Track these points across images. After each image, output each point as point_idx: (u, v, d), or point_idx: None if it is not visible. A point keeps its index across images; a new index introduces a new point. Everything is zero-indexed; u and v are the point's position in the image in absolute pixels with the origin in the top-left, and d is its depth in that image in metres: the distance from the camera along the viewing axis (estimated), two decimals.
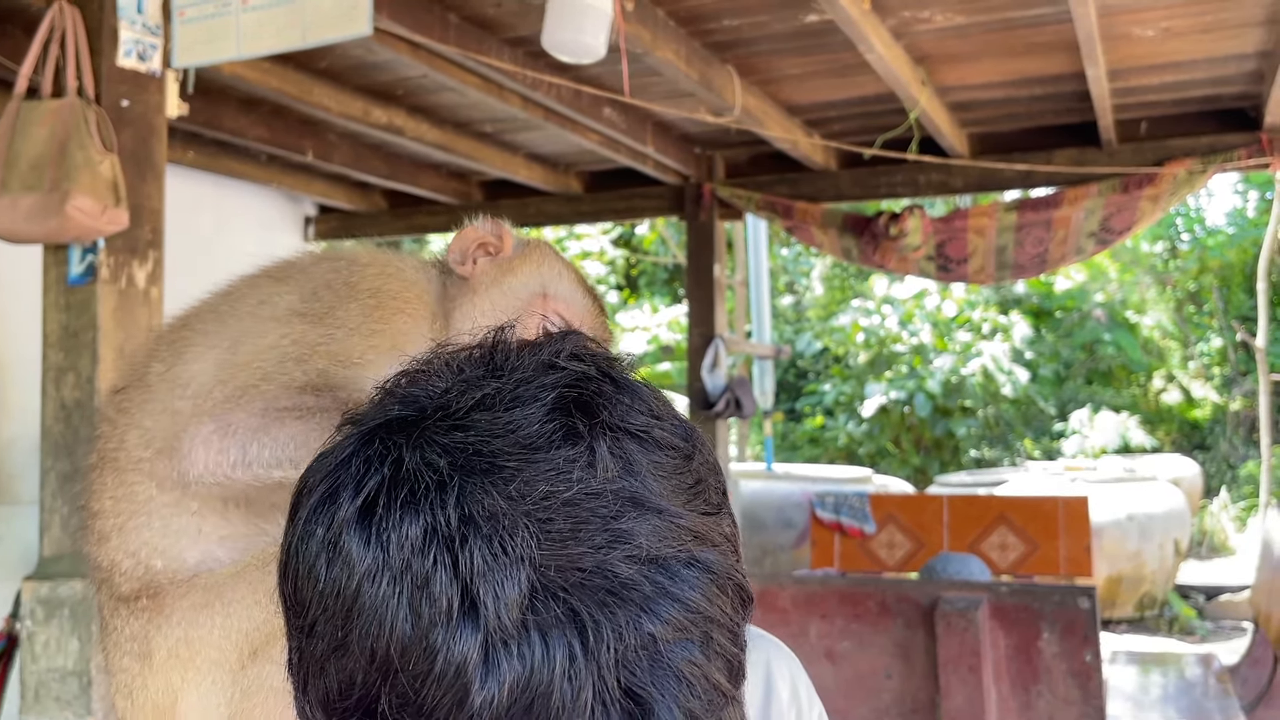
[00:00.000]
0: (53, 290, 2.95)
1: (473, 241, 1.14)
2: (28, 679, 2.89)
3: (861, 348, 14.25)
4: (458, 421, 0.64)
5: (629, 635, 0.59)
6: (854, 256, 6.38)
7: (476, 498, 0.61)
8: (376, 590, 0.60)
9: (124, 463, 1.00)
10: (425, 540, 0.60)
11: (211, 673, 0.91)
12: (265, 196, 7.26)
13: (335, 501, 0.63)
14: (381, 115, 5.33)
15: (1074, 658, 2.90)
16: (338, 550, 0.61)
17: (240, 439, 0.95)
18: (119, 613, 0.97)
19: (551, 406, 0.65)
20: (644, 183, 6.75)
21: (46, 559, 2.92)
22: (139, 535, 0.97)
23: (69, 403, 2.90)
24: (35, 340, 5.58)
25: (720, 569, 0.65)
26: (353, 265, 1.09)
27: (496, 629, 0.58)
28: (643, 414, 0.67)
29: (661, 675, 0.60)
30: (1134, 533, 8.33)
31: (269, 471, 0.95)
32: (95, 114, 2.79)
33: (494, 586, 0.58)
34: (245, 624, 0.90)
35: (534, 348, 0.70)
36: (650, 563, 0.61)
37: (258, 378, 0.99)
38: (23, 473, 5.77)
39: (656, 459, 0.66)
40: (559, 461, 0.62)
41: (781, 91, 5.41)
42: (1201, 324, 15.86)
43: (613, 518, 0.62)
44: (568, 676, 0.58)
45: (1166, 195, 5.73)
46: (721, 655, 0.63)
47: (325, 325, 1.03)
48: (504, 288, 1.11)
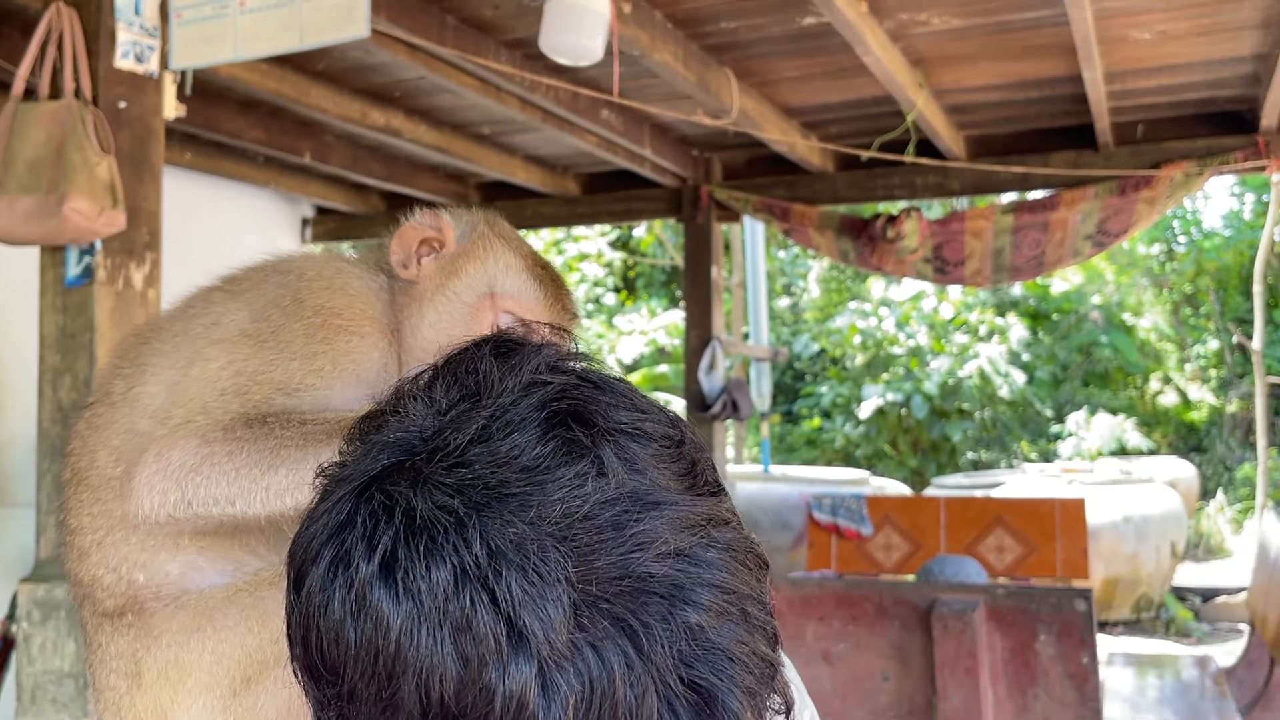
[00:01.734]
0: (50, 292, 2.95)
1: (414, 240, 1.09)
2: (24, 681, 2.88)
3: (858, 350, 14.26)
4: (457, 459, 0.63)
5: (678, 630, 0.60)
6: (851, 259, 6.39)
7: (499, 530, 0.61)
8: (417, 642, 0.59)
9: (96, 481, 1.00)
10: (457, 583, 0.59)
11: (202, 696, 0.90)
12: (263, 198, 7.26)
13: (349, 563, 0.62)
14: (379, 117, 5.33)
15: (1071, 660, 2.91)
16: (365, 610, 0.61)
17: (178, 479, 0.94)
18: (103, 629, 0.96)
19: (545, 425, 0.65)
20: (641, 185, 6.75)
21: (43, 561, 2.92)
22: (118, 550, 0.96)
23: (66, 404, 2.90)
24: (33, 341, 5.58)
25: (738, 544, 0.66)
26: (300, 279, 1.07)
27: (549, 653, 0.58)
28: (629, 410, 0.68)
29: (716, 661, 0.61)
30: (1130, 535, 8.34)
31: (209, 510, 0.94)
32: (93, 115, 2.79)
33: (537, 612, 0.59)
34: (237, 650, 0.89)
35: (510, 368, 0.69)
36: (677, 555, 0.62)
37: (196, 411, 0.98)
38: (20, 474, 5.76)
39: (654, 452, 0.66)
40: (570, 478, 0.63)
41: (779, 94, 5.41)
42: (1198, 326, 15.88)
43: (633, 520, 0.62)
44: (629, 683, 0.59)
45: (1163, 198, 5.74)
46: (760, 627, 0.65)
47: (269, 349, 1.01)
48: (449, 293, 1.06)
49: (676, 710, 0.60)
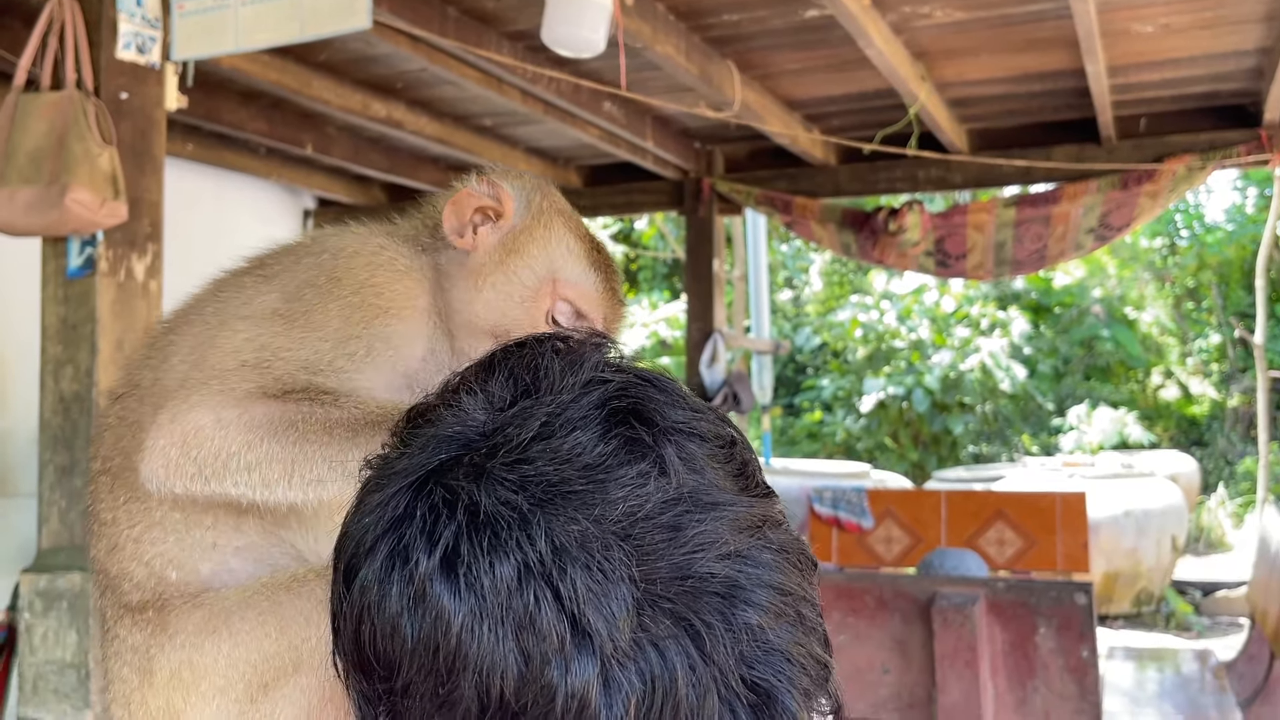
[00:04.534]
0: (51, 283, 2.95)
1: (469, 208, 1.04)
2: (26, 671, 2.89)
3: (860, 343, 14.25)
4: (520, 456, 0.63)
5: (739, 631, 0.61)
6: (853, 252, 6.38)
7: (563, 527, 0.60)
8: (479, 638, 0.59)
9: (133, 480, 0.98)
10: (521, 579, 0.59)
11: (216, 700, 0.88)
12: (264, 190, 7.25)
13: (408, 557, 0.62)
14: (381, 109, 5.33)
15: (1070, 653, 2.91)
16: (425, 605, 0.60)
17: (193, 453, 0.91)
18: (123, 621, 0.95)
19: (605, 423, 0.65)
20: (643, 177, 6.75)
21: (45, 551, 2.92)
22: (154, 548, 0.95)
23: (68, 395, 2.90)
24: (35, 332, 5.58)
25: (791, 546, 0.66)
26: (338, 257, 1.02)
27: (612, 651, 0.58)
28: (684, 410, 0.68)
29: (776, 662, 0.62)
30: (1131, 529, 8.34)
31: (226, 490, 0.92)
32: (94, 107, 2.78)
33: (601, 610, 0.59)
34: (254, 655, 0.87)
35: (570, 364, 0.69)
36: (737, 557, 0.62)
37: (210, 378, 0.95)
38: (21, 465, 5.77)
39: (709, 451, 0.67)
40: (632, 477, 0.63)
41: (781, 86, 5.40)
42: (1200, 320, 15.87)
43: (694, 521, 0.62)
44: (691, 683, 0.59)
45: (1166, 192, 5.73)
46: (813, 629, 0.65)
47: (298, 328, 0.97)
48: (508, 272, 1.01)
49: (736, 711, 0.60)
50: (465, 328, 1.02)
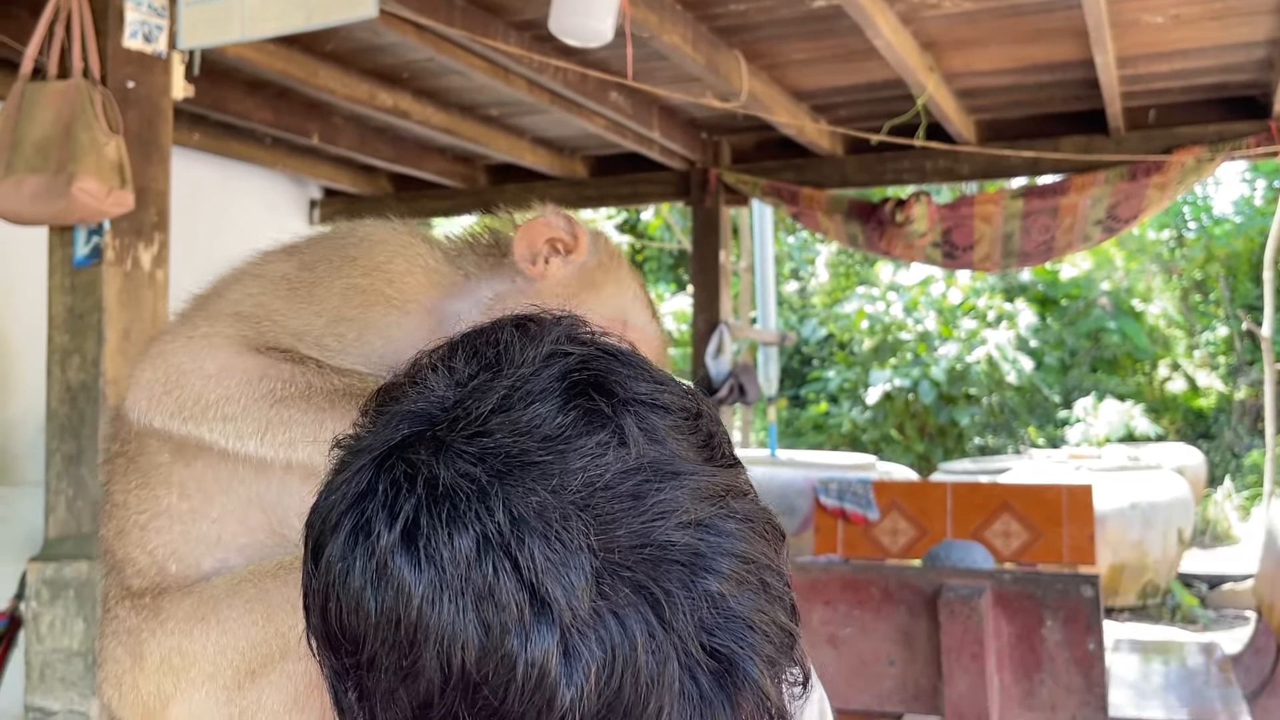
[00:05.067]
0: (58, 272, 2.95)
1: (543, 238, 1.03)
2: (33, 659, 2.90)
3: (866, 335, 14.24)
4: (479, 429, 0.63)
5: (699, 598, 0.61)
6: (859, 243, 6.37)
7: (521, 498, 0.61)
8: (439, 610, 0.59)
9: (146, 466, 0.98)
10: (480, 550, 0.59)
11: (205, 686, 0.89)
12: (270, 179, 7.25)
13: (370, 531, 0.62)
14: (387, 98, 5.32)
15: (1077, 646, 2.90)
16: (386, 578, 0.61)
17: (175, 392, 0.92)
18: (123, 604, 0.96)
19: (565, 395, 0.65)
20: (650, 168, 6.74)
21: (52, 540, 2.93)
22: (159, 537, 0.96)
23: (74, 384, 2.90)
24: (42, 321, 5.59)
25: (756, 516, 0.66)
26: (362, 241, 1.03)
27: (571, 621, 0.58)
28: (647, 382, 0.68)
29: (737, 629, 0.61)
30: (1137, 521, 8.33)
31: (200, 431, 0.92)
32: (101, 95, 2.78)
33: (560, 579, 0.59)
34: (241, 643, 0.88)
35: (531, 339, 0.69)
36: (698, 525, 0.62)
37: (205, 320, 0.96)
38: (28, 454, 5.78)
39: (672, 423, 0.67)
40: (591, 447, 0.63)
41: (788, 76, 5.39)
42: (1207, 313, 15.82)
43: (654, 490, 0.62)
44: (651, 650, 0.59)
45: (1174, 183, 5.71)
46: (779, 598, 0.65)
47: (299, 299, 0.98)
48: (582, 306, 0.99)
49: (697, 678, 0.60)
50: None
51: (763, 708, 0.62)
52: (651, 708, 0.59)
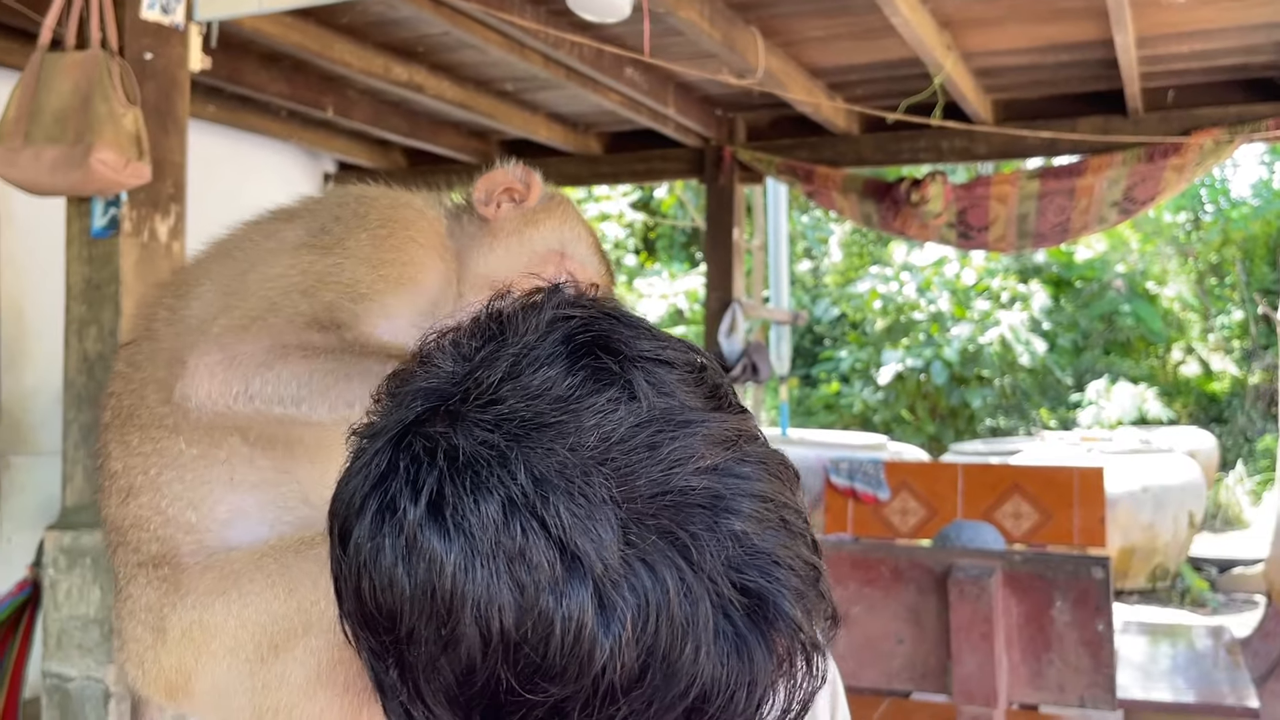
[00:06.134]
0: (75, 243, 2.96)
1: (500, 185, 1.13)
2: (50, 626, 2.93)
3: (879, 315, 14.20)
4: (492, 397, 0.65)
5: (725, 538, 0.62)
6: (874, 222, 6.35)
7: (541, 459, 0.62)
8: (473, 576, 0.60)
9: (146, 419, 0.98)
10: (506, 514, 0.61)
11: (227, 659, 0.90)
12: (285, 152, 7.25)
13: (395, 509, 0.63)
14: (402, 72, 5.31)
15: (1086, 627, 2.91)
16: (417, 552, 0.62)
17: (244, 371, 0.93)
18: (136, 580, 0.96)
19: (571, 356, 0.66)
20: (664, 145, 6.71)
21: (69, 509, 2.95)
22: (171, 489, 0.95)
23: (91, 355, 2.92)
24: (57, 291, 5.61)
25: (769, 457, 0.68)
26: (361, 199, 1.09)
27: (603, 573, 0.60)
28: (649, 339, 0.69)
29: (764, 565, 0.63)
30: (1148, 504, 8.32)
31: (270, 407, 0.94)
32: (119, 66, 2.79)
33: (588, 533, 0.60)
34: (263, 616, 0.88)
35: (532, 308, 0.71)
36: (714, 470, 0.64)
37: (264, 308, 0.97)
38: (43, 423, 5.82)
39: (679, 377, 0.68)
40: (602, 404, 0.64)
41: (804, 54, 5.36)
42: (1223, 296, 15.74)
43: (668, 439, 0.63)
44: (683, 593, 0.60)
45: (1192, 165, 5.67)
46: (799, 533, 0.66)
47: (334, 255, 1.01)
48: (524, 238, 1.10)
49: (731, 616, 0.62)
50: (473, 279, 1.10)
51: (796, 640, 0.64)
52: (688, 650, 0.60)
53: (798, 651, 0.64)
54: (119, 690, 2.81)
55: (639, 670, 0.60)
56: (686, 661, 0.60)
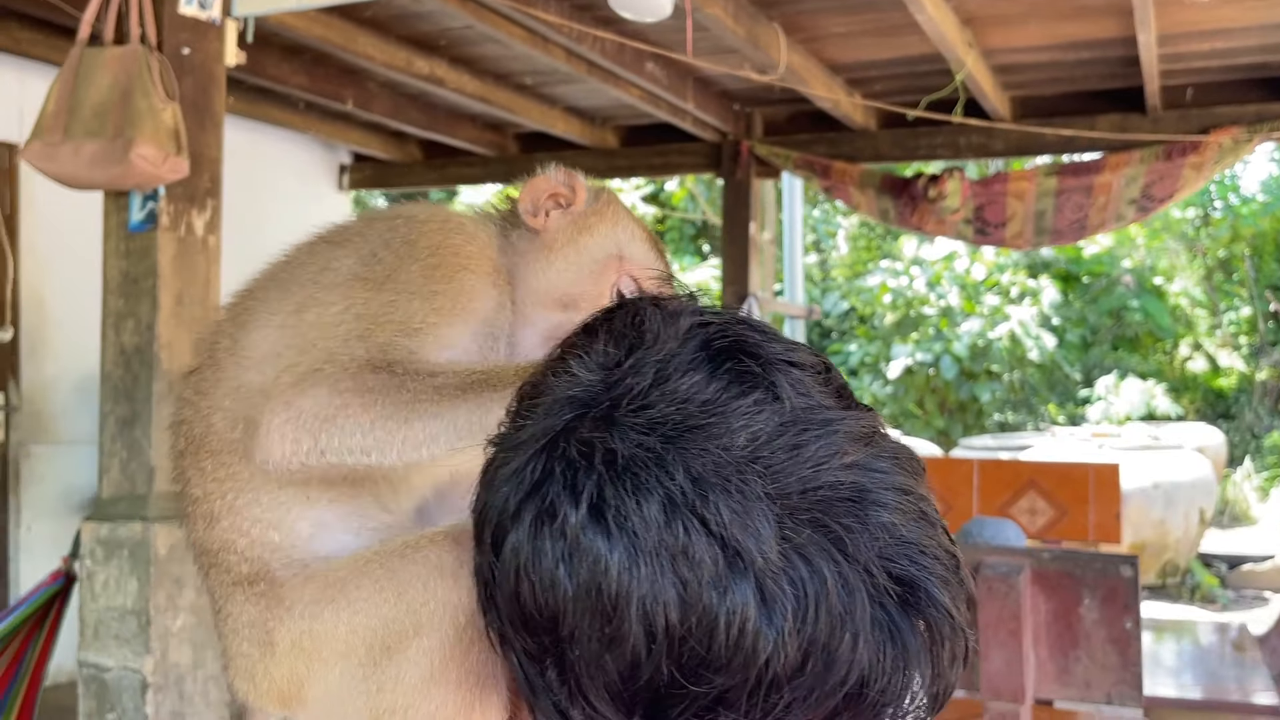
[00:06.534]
0: (113, 236, 2.98)
1: (544, 192, 1.09)
2: (87, 617, 2.95)
3: (889, 309, 14.20)
4: (643, 403, 0.67)
5: (875, 529, 0.64)
6: (891, 218, 6.36)
7: (696, 459, 0.64)
8: (637, 575, 0.62)
9: (216, 445, 0.99)
10: (667, 513, 0.63)
11: (339, 665, 0.91)
12: (301, 144, 7.27)
13: (555, 514, 0.65)
14: (424, 66, 5.32)
15: (1114, 624, 2.93)
16: (580, 554, 0.64)
17: (311, 428, 0.93)
18: (234, 598, 0.97)
19: (712, 362, 0.68)
20: (681, 139, 6.72)
21: (105, 501, 2.98)
22: (250, 512, 0.97)
23: (129, 348, 2.94)
24: (77, 281, 5.63)
25: (901, 452, 0.70)
26: (411, 222, 1.06)
27: (764, 568, 0.62)
28: (779, 343, 0.72)
29: (912, 554, 0.65)
30: (1159, 500, 8.34)
31: (343, 459, 0.95)
32: (158, 62, 2.80)
33: (748, 529, 0.62)
34: (373, 621, 0.89)
35: (671, 316, 0.72)
36: (857, 466, 0.66)
37: (322, 360, 0.97)
38: (64, 412, 5.85)
39: (810, 377, 0.70)
40: (748, 406, 0.66)
41: (825, 50, 5.37)
42: (1231, 292, 15.73)
43: (814, 438, 0.66)
44: (840, 584, 0.63)
45: (1210, 164, 5.68)
46: (936, 523, 0.69)
47: (387, 290, 1.00)
48: (579, 246, 1.08)
49: (884, 604, 0.64)
50: (533, 296, 1.09)
51: (948, 624, 0.66)
52: (847, 638, 0.62)
53: (946, 634, 0.66)
54: (157, 680, 2.83)
55: (800, 660, 0.62)
56: (845, 650, 0.62)
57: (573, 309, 1.03)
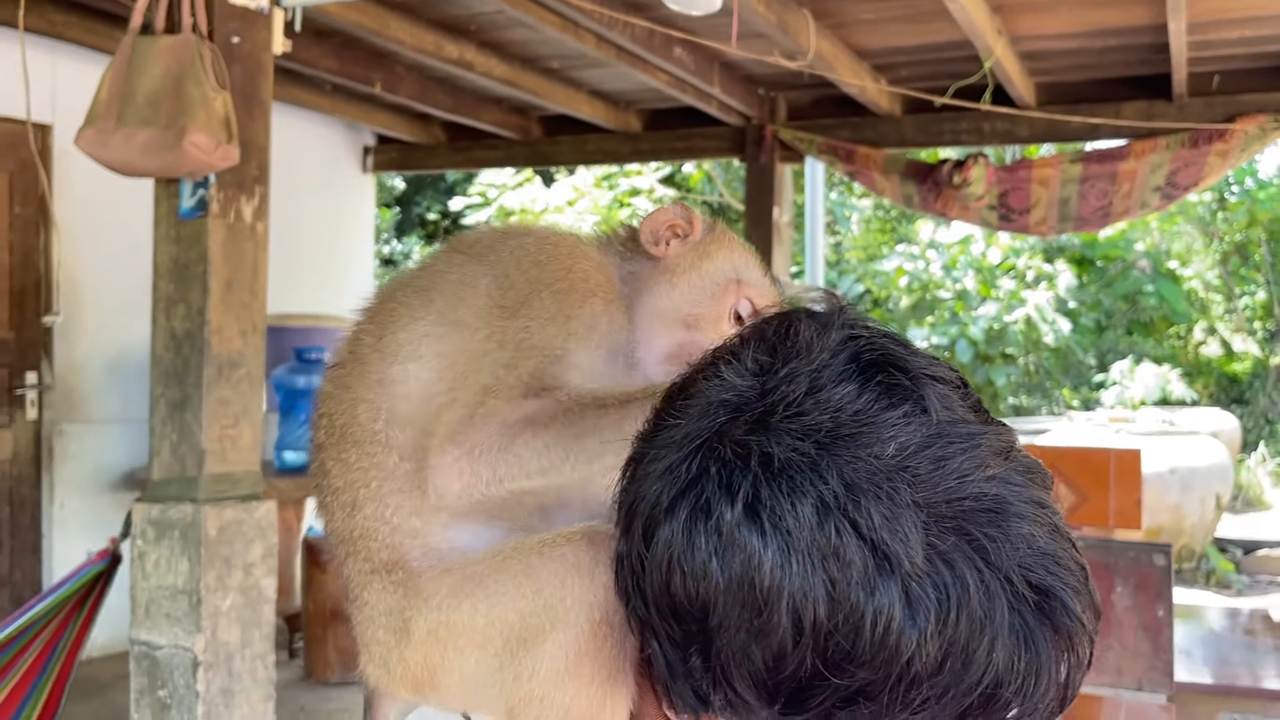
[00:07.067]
0: (164, 223, 3.02)
1: (664, 223, 1.16)
2: (138, 596, 3.01)
3: (905, 292, 14.21)
4: (797, 410, 0.71)
5: (1016, 539, 0.68)
6: (914, 204, 6.38)
7: (849, 465, 0.68)
8: (789, 573, 0.67)
9: (359, 436, 1.04)
10: (820, 515, 0.67)
11: (475, 655, 0.95)
12: (325, 126, 7.30)
13: (711, 511, 0.69)
14: (453, 50, 5.35)
15: (1146, 611, 2.98)
16: (734, 549, 0.68)
17: (488, 461, 0.98)
18: (371, 586, 1.01)
19: (863, 374, 0.72)
20: (704, 122, 6.73)
21: (156, 483, 3.03)
22: (392, 500, 1.01)
23: (179, 333, 2.99)
24: (112, 263, 5.68)
25: (1034, 467, 0.74)
26: (541, 244, 1.11)
27: (910, 571, 0.66)
28: (923, 358, 0.76)
29: (1049, 565, 0.69)
30: (1176, 485, 8.37)
31: (518, 483, 0.99)
32: (210, 51, 2.84)
33: (897, 534, 0.66)
34: (511, 615, 0.93)
35: (821, 328, 0.76)
36: (997, 479, 0.70)
37: (480, 394, 1.02)
38: (95, 392, 5.91)
39: (951, 391, 0.74)
40: (897, 418, 0.70)
41: (854, 36, 5.37)
42: (1247, 277, 15.70)
43: (958, 450, 0.70)
44: (981, 589, 0.67)
45: (1236, 151, 5.68)
46: (1067, 536, 0.73)
47: (523, 317, 1.04)
48: (700, 271, 1.13)
49: (1021, 612, 0.68)
50: (656, 316, 1.14)
51: (1080, 633, 0.70)
52: (985, 643, 0.67)
53: (1076, 642, 0.70)
54: (207, 659, 2.90)
55: (940, 659, 0.66)
56: (983, 652, 0.67)
57: (694, 329, 1.08)
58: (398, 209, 14.66)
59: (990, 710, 0.69)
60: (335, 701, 5.26)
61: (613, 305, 1.10)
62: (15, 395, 5.55)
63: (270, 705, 3.10)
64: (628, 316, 1.12)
